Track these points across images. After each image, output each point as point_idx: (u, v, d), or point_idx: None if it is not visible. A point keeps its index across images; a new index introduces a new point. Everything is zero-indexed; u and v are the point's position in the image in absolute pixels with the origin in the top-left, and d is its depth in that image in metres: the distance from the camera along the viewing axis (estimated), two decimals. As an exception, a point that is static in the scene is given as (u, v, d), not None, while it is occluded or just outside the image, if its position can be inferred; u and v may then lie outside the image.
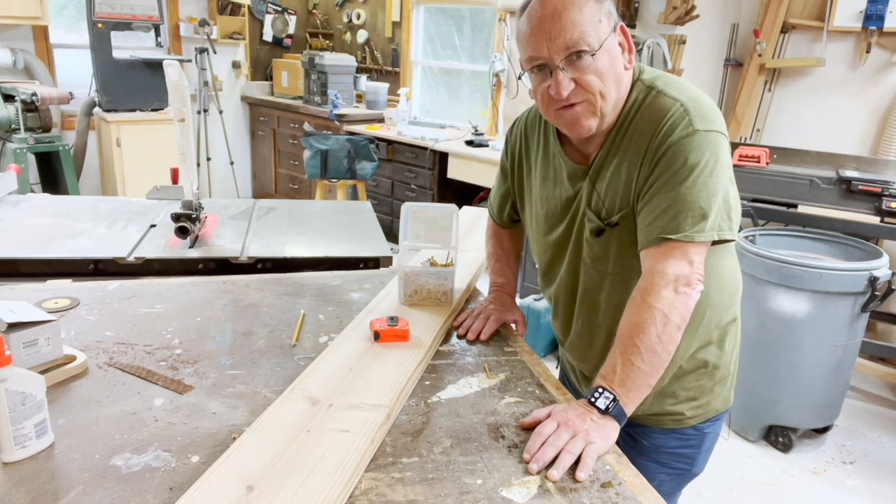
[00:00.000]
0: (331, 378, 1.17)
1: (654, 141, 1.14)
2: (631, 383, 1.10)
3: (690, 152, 1.11)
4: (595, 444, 1.04)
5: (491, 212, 1.60)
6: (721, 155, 1.14)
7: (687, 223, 1.11)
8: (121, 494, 0.90)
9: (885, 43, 3.52)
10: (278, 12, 6.32)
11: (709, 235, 1.12)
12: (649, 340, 1.09)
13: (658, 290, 1.11)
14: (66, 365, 1.19)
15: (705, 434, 1.37)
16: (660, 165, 1.14)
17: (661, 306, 1.10)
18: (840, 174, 3.20)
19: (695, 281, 1.12)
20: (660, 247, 1.13)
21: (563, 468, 0.99)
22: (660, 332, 1.09)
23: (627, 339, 1.11)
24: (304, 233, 2.18)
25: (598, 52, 1.12)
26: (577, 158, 1.28)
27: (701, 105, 1.15)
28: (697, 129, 1.12)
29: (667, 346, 1.11)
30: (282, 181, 6.11)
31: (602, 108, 1.16)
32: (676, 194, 1.12)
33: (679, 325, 1.12)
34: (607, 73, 1.14)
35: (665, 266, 1.11)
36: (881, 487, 2.69)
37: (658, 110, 1.16)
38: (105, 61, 4.78)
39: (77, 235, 2.00)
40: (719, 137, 1.14)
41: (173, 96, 1.81)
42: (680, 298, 1.11)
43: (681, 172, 1.12)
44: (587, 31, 1.11)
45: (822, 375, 2.78)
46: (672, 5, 3.67)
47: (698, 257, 1.13)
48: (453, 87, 5.66)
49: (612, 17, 1.15)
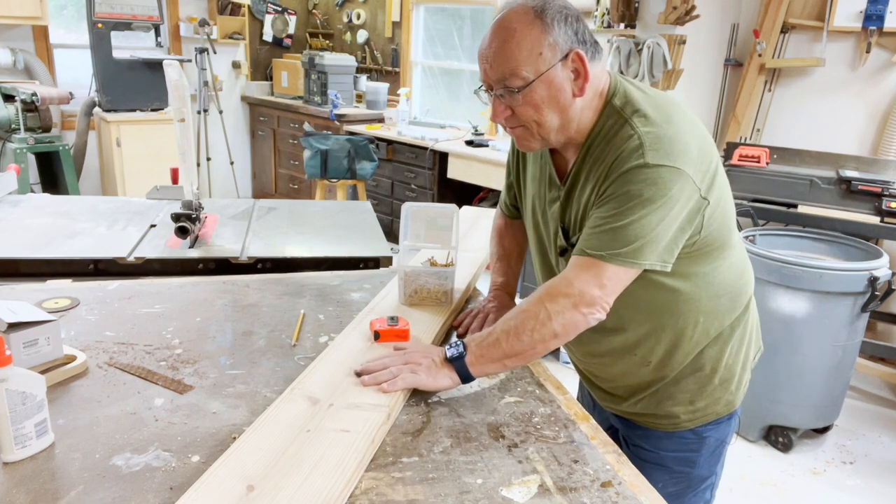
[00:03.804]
0: (331, 378, 1.17)
1: (610, 170, 1.14)
2: (486, 352, 1.16)
3: (632, 183, 1.10)
4: (418, 375, 1.15)
5: (500, 203, 1.61)
6: (668, 191, 1.09)
7: (607, 244, 1.11)
8: (121, 494, 0.90)
9: (885, 43, 3.52)
10: (278, 12, 6.32)
11: (624, 262, 1.11)
12: (523, 329, 1.14)
13: (559, 296, 1.14)
14: (66, 365, 1.19)
15: (705, 438, 1.36)
16: (606, 193, 1.14)
17: (550, 308, 1.13)
18: (840, 174, 3.20)
19: (598, 307, 1.14)
20: (580, 258, 1.15)
21: (376, 381, 1.13)
22: (534, 328, 1.14)
23: (510, 317, 1.17)
24: (304, 233, 2.18)
25: (533, 83, 1.13)
26: (561, 164, 1.30)
27: (660, 139, 1.11)
28: (647, 162, 1.10)
29: (536, 345, 1.15)
30: (282, 181, 6.11)
31: (541, 132, 1.18)
32: (610, 218, 1.12)
33: (557, 333, 1.14)
34: (543, 104, 1.15)
35: (576, 278, 1.13)
36: (881, 487, 2.69)
37: (617, 139, 1.15)
38: (105, 61, 4.78)
39: (77, 235, 2.00)
40: (674, 172, 1.09)
41: (173, 96, 1.81)
42: (573, 314, 1.13)
43: (620, 200, 1.11)
44: (521, 65, 1.12)
45: (822, 375, 2.78)
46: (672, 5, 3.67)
47: (611, 283, 1.13)
48: (453, 87, 5.66)
49: (558, 48, 1.12)
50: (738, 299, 1.31)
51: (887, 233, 3.01)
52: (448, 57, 5.63)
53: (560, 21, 1.12)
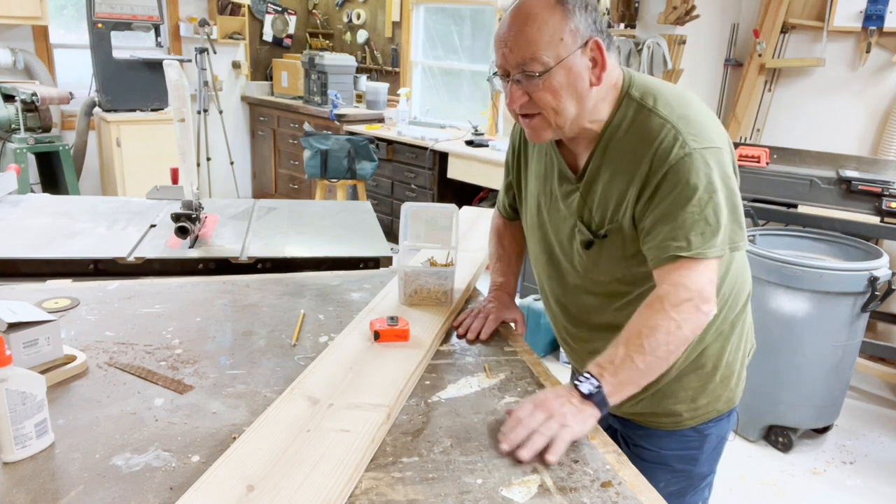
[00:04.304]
0: (331, 378, 1.17)
1: (652, 164, 1.14)
2: (624, 377, 1.10)
3: (690, 173, 1.11)
4: (570, 427, 1.04)
5: (497, 205, 1.61)
6: (722, 168, 1.13)
7: (698, 240, 1.12)
8: (121, 494, 0.90)
9: (885, 43, 3.52)
10: (278, 12, 6.32)
11: (721, 250, 1.13)
12: (656, 343, 1.10)
13: (680, 301, 1.11)
14: (66, 365, 1.19)
15: (706, 435, 1.37)
16: (662, 189, 1.13)
17: (677, 317, 1.10)
18: (840, 174, 3.20)
19: (712, 301, 1.13)
20: (675, 264, 1.13)
21: (534, 449, 1.00)
22: (668, 340, 1.10)
23: (635, 337, 1.11)
24: (304, 233, 2.18)
25: (553, 69, 1.12)
26: (570, 159, 1.29)
27: (691, 122, 1.14)
28: (693, 148, 1.11)
29: (670, 356, 1.12)
30: (282, 181, 6.11)
31: (557, 121, 1.17)
32: (685, 214, 1.12)
33: (688, 338, 1.13)
34: (562, 91, 1.14)
35: (687, 280, 1.12)
36: (881, 487, 2.69)
37: (649, 131, 1.15)
38: (105, 61, 4.78)
39: (77, 235, 2.00)
40: (717, 153, 1.13)
41: (173, 96, 1.81)
42: (697, 316, 1.12)
43: (684, 193, 1.11)
44: (543, 49, 1.11)
45: (822, 375, 2.78)
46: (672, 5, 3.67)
47: (715, 275, 1.14)
48: (453, 87, 5.66)
49: (578, 35, 1.12)
50: (740, 296, 1.33)
51: (887, 233, 3.01)
52: (448, 57, 5.63)
53: (581, 8, 1.13)
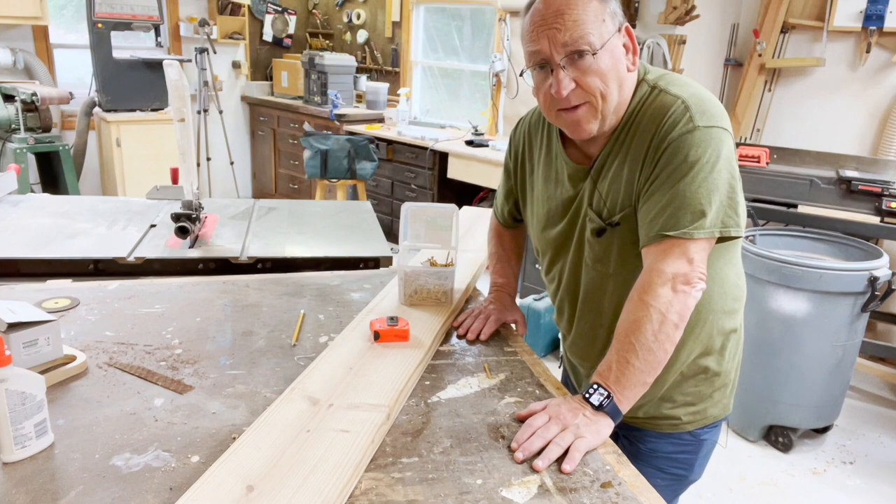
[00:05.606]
0: (331, 378, 1.17)
1: (656, 139, 1.13)
2: (626, 381, 1.10)
3: (690, 148, 1.10)
4: (585, 438, 1.04)
5: (495, 210, 1.60)
6: (723, 150, 1.12)
7: (686, 220, 1.10)
8: (121, 494, 0.90)
9: (885, 43, 3.52)
10: (278, 12, 6.32)
11: (709, 232, 1.11)
12: (645, 339, 1.09)
13: (655, 288, 1.10)
14: (66, 365, 1.19)
15: (702, 441, 1.36)
16: (660, 163, 1.13)
17: (657, 304, 1.09)
18: (840, 174, 3.20)
19: (695, 279, 1.11)
20: (659, 244, 1.12)
21: (549, 459, 1.00)
22: (656, 331, 1.09)
23: (624, 338, 1.11)
24: (304, 233, 2.18)
25: (599, 51, 1.11)
26: (579, 158, 1.28)
27: (703, 101, 1.14)
28: (698, 125, 1.11)
29: (663, 345, 1.10)
30: (282, 181, 6.11)
31: (603, 110, 1.15)
32: (676, 191, 1.11)
33: (677, 323, 1.10)
34: (609, 74, 1.13)
35: (663, 264, 1.10)
36: (881, 487, 2.69)
37: (659, 108, 1.15)
38: (105, 61, 4.78)
39: (77, 235, 2.00)
40: (721, 133, 1.13)
41: (173, 96, 1.81)
42: (678, 297, 1.09)
43: (681, 169, 1.11)
44: (589, 29, 1.10)
45: (822, 375, 2.77)
46: (672, 5, 3.67)
47: (698, 255, 1.11)
48: (453, 87, 5.65)
49: (616, 18, 1.13)
50: (739, 303, 1.32)
51: (887, 233, 3.01)
52: (448, 57, 5.63)
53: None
